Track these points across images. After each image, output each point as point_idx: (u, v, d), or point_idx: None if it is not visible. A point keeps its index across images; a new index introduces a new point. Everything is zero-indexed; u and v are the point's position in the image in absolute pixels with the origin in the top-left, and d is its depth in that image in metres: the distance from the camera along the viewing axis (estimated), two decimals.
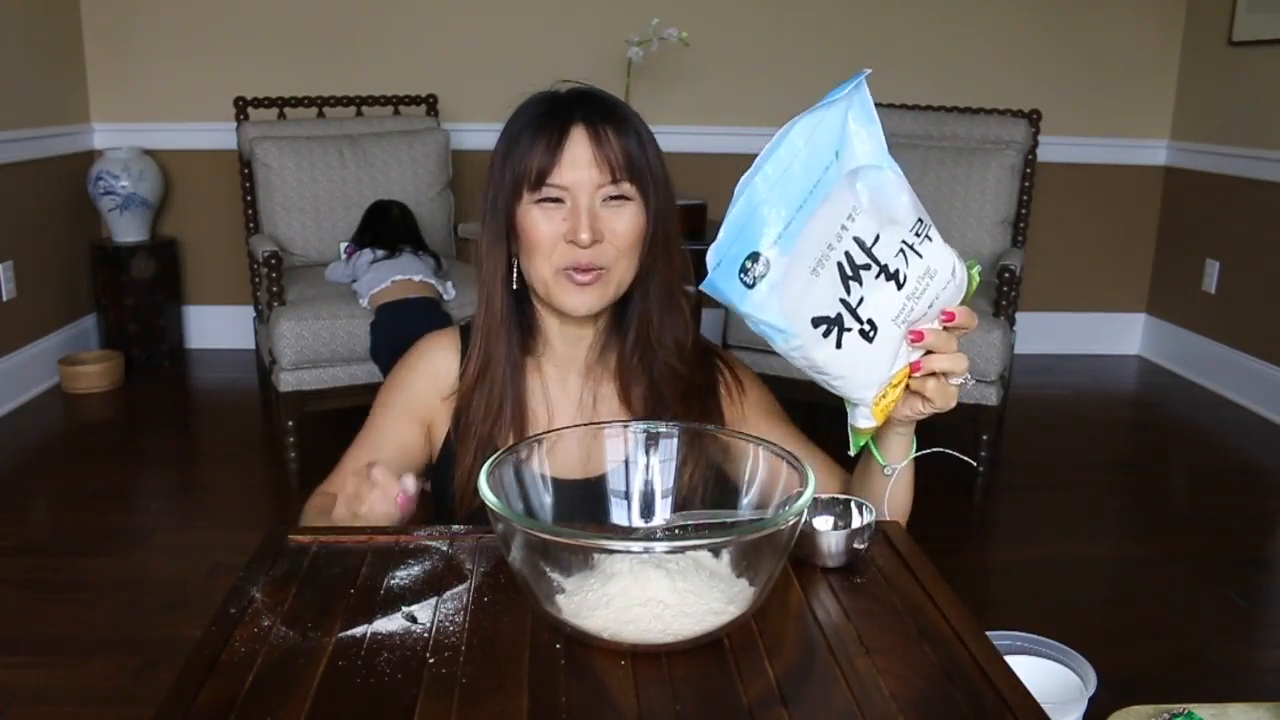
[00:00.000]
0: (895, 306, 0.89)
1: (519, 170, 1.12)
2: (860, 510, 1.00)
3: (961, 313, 0.94)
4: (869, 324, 0.88)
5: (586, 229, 1.09)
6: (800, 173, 0.83)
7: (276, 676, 0.78)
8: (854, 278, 0.87)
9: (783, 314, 0.85)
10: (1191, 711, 1.18)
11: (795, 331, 0.86)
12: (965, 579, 2.48)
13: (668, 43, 3.50)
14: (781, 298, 0.84)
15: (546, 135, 1.11)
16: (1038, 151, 3.48)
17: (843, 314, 0.87)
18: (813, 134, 0.84)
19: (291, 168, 3.30)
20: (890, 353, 0.92)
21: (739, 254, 0.83)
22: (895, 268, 0.88)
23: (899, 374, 0.94)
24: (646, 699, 0.75)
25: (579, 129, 1.11)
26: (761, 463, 0.94)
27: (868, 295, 0.88)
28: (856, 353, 0.89)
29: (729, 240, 0.83)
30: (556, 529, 0.91)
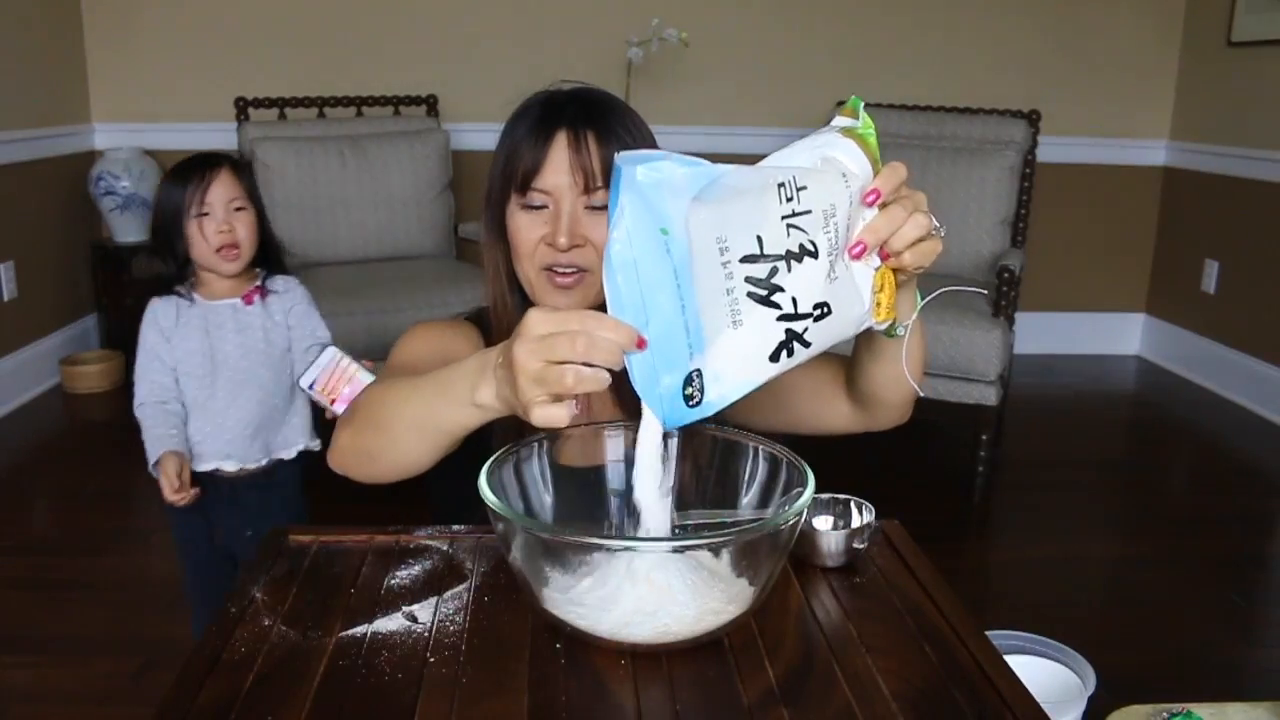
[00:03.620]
0: (824, 270, 0.82)
1: (509, 171, 1.13)
2: (860, 510, 1.00)
3: (881, 178, 0.85)
4: (816, 307, 0.82)
5: (565, 233, 1.10)
6: (653, 282, 0.76)
7: (277, 676, 0.78)
8: (770, 292, 0.80)
9: (743, 384, 0.80)
10: (1191, 711, 1.18)
11: (764, 378, 0.82)
12: (965, 579, 2.48)
13: (668, 43, 3.50)
14: (732, 376, 0.80)
15: (534, 139, 1.12)
16: (1037, 152, 3.48)
17: (790, 328, 0.81)
18: (629, 242, 0.75)
19: (292, 168, 3.30)
20: (854, 293, 0.86)
21: (674, 389, 0.78)
22: (798, 243, 0.80)
23: (876, 282, 0.87)
24: (646, 699, 0.75)
25: (562, 135, 1.11)
26: (761, 463, 0.94)
27: (796, 290, 0.81)
28: (828, 330, 0.83)
29: (652, 394, 0.78)
30: (556, 529, 0.91)
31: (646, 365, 0.77)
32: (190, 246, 1.74)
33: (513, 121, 1.16)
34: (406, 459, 0.96)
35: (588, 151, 1.11)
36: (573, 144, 1.11)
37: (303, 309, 1.85)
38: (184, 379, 1.77)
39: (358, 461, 1.01)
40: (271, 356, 1.80)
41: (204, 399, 1.76)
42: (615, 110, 1.16)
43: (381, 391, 1.00)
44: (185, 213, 1.73)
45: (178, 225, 1.74)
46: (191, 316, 1.77)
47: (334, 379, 1.64)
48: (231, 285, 1.80)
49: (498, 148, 1.17)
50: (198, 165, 1.78)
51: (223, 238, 1.73)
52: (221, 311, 1.78)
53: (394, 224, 3.41)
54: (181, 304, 1.78)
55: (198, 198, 1.74)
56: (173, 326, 1.76)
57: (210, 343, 1.76)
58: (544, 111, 1.14)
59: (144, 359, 1.77)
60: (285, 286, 1.85)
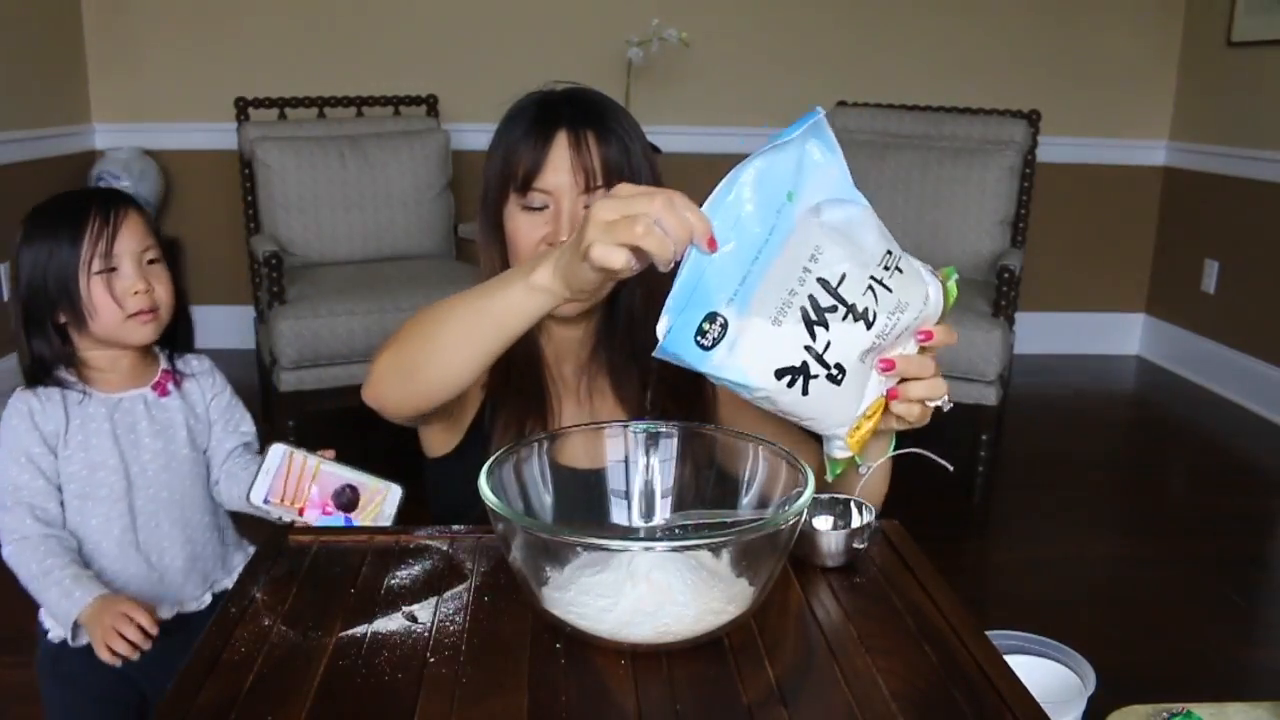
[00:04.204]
0: (864, 346, 0.85)
1: (507, 171, 1.13)
2: (860, 510, 1.00)
3: (939, 331, 0.91)
4: (836, 368, 0.84)
5: (567, 233, 1.09)
6: (751, 223, 0.78)
7: (277, 676, 0.78)
8: (819, 323, 0.82)
9: (744, 371, 0.81)
10: (1191, 711, 1.18)
11: (759, 385, 0.83)
12: (965, 579, 2.48)
13: (668, 43, 3.50)
14: (742, 355, 0.80)
15: (533, 139, 1.12)
16: (1037, 152, 3.48)
17: (808, 362, 0.83)
18: (761, 180, 0.78)
19: (292, 168, 3.30)
20: (860, 391, 0.89)
21: (694, 317, 0.79)
22: (864, 307, 0.83)
23: (873, 406, 0.91)
24: (646, 699, 0.75)
25: (562, 135, 1.11)
26: (761, 462, 0.94)
27: (835, 339, 0.83)
28: (825, 397, 0.85)
29: (681, 302, 0.78)
30: (557, 529, 0.91)
31: (694, 274, 0.78)
32: (91, 315, 1.30)
33: (507, 122, 1.16)
34: (451, 366, 0.94)
35: (588, 151, 1.11)
36: (573, 144, 1.11)
37: (226, 399, 1.46)
38: (80, 504, 1.33)
39: (398, 381, 0.98)
40: (200, 463, 1.43)
41: (116, 530, 1.35)
42: (611, 110, 1.16)
43: (427, 309, 0.99)
44: (81, 270, 1.29)
45: (67, 288, 1.30)
46: (89, 416, 1.34)
47: (293, 483, 1.27)
48: (133, 370, 1.38)
49: (491, 148, 1.17)
50: (92, 206, 1.32)
51: (140, 299, 1.32)
52: (130, 407, 1.36)
53: (394, 224, 3.41)
54: (71, 398, 1.33)
55: (101, 249, 1.30)
56: (61, 432, 1.32)
57: (120, 450, 1.35)
58: (541, 112, 1.14)
59: (10, 476, 1.30)
60: (200, 367, 1.46)
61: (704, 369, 0.81)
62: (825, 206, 0.82)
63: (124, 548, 1.36)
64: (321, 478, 1.21)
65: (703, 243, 0.76)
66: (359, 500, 1.22)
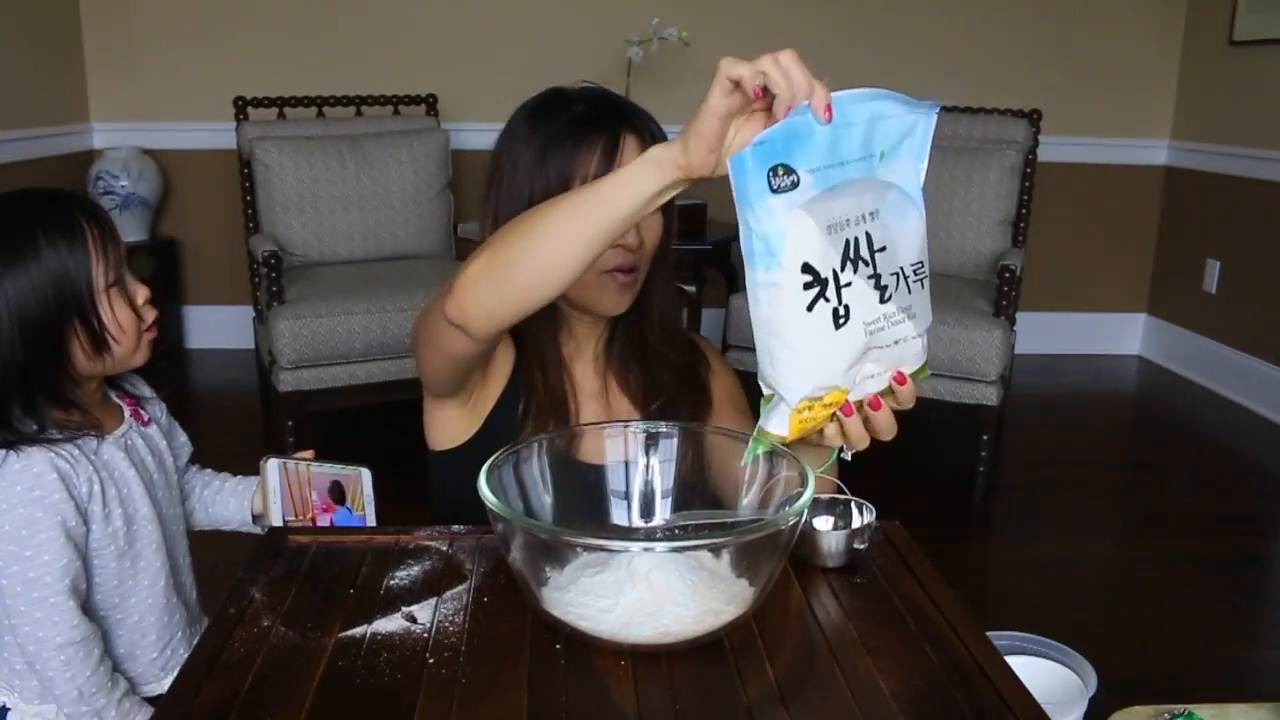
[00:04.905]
0: (871, 315, 0.86)
1: (568, 172, 1.13)
2: (860, 510, 1.00)
3: (908, 388, 0.90)
4: (844, 311, 0.84)
5: (635, 233, 1.14)
6: (849, 138, 0.82)
7: (276, 676, 0.78)
8: (852, 261, 0.84)
9: (783, 236, 0.80)
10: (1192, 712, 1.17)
11: (784, 263, 0.80)
12: (965, 579, 2.48)
13: (668, 43, 3.50)
14: (791, 223, 0.80)
15: (597, 141, 1.13)
16: (1038, 151, 3.48)
17: (829, 281, 0.83)
18: (877, 118, 0.83)
19: (291, 168, 3.30)
20: (841, 360, 0.86)
21: (778, 154, 0.79)
22: (886, 284, 0.86)
23: (835, 394, 0.87)
24: (646, 699, 0.75)
25: (630, 137, 1.14)
26: (762, 463, 0.94)
27: (855, 288, 0.84)
28: (819, 330, 0.83)
29: (774, 136, 0.79)
30: (557, 529, 0.91)
31: (795, 126, 0.79)
32: (116, 336, 1.14)
33: (545, 120, 1.16)
34: (555, 257, 0.90)
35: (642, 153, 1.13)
36: (638, 146, 1.14)
37: (166, 414, 1.32)
38: (119, 566, 1.17)
39: (494, 283, 0.94)
40: (179, 495, 1.29)
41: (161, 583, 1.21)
42: (645, 114, 1.19)
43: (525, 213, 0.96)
44: (93, 285, 1.12)
45: (84, 309, 1.11)
46: (110, 465, 1.16)
47: (298, 494, 1.20)
48: (107, 404, 1.22)
49: (524, 145, 1.16)
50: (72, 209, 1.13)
51: (151, 310, 1.19)
52: (133, 444, 1.21)
53: (393, 224, 3.41)
54: (87, 449, 1.13)
55: (112, 257, 1.13)
56: (97, 493, 1.12)
57: (151, 496, 1.20)
58: (595, 112, 1.15)
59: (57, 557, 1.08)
60: (147, 390, 1.31)
61: (753, 204, 0.79)
62: (896, 190, 0.86)
63: (169, 601, 1.22)
64: (314, 480, 1.23)
65: (820, 108, 0.79)
66: (345, 492, 1.22)
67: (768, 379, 0.85)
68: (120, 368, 1.19)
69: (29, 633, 1.08)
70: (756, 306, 0.82)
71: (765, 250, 0.80)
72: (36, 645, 1.08)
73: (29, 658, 1.10)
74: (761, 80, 0.79)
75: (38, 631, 1.08)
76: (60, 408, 1.13)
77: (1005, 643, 1.24)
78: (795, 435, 0.86)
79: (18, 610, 1.08)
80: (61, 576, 1.09)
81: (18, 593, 1.08)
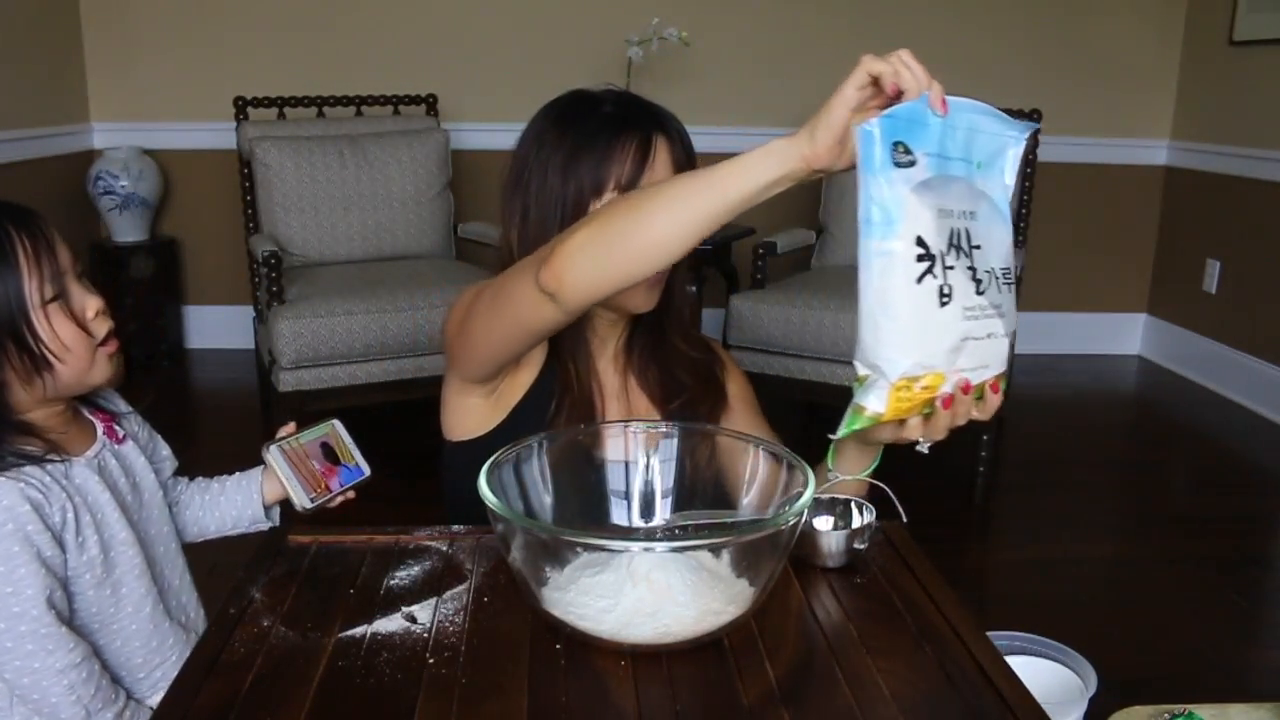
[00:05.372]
0: (970, 301, 0.88)
1: (601, 174, 1.15)
2: (860, 510, 1.00)
3: (999, 397, 0.96)
4: (949, 289, 0.85)
5: None
6: (954, 138, 0.86)
7: (276, 676, 0.78)
8: (955, 248, 0.86)
9: (903, 206, 0.82)
10: (1192, 712, 1.17)
11: (900, 232, 0.83)
12: (965, 579, 2.48)
13: (668, 43, 3.50)
14: (910, 197, 0.83)
15: (630, 141, 1.16)
16: (1038, 151, 3.48)
17: (938, 259, 0.85)
18: (978, 128, 0.88)
19: (291, 168, 3.30)
20: (947, 339, 0.86)
21: (900, 133, 0.83)
22: (980, 277, 0.89)
23: (934, 377, 0.87)
24: (646, 699, 0.75)
25: (661, 139, 1.17)
26: (761, 463, 0.94)
27: (956, 270, 0.86)
28: (926, 303, 0.84)
29: (904, 115, 0.84)
30: (557, 529, 0.91)
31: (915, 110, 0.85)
32: (60, 355, 1.05)
33: (577, 121, 1.18)
34: (664, 231, 0.92)
35: (680, 152, 1.19)
36: (670, 148, 1.18)
37: (146, 430, 1.26)
38: (97, 594, 1.11)
39: (596, 254, 0.94)
40: (165, 512, 1.23)
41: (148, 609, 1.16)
42: (672, 116, 1.23)
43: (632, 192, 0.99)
44: (30, 302, 1.03)
45: (17, 328, 1.03)
46: (83, 489, 1.09)
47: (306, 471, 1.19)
48: (78, 423, 1.15)
49: (554, 145, 1.18)
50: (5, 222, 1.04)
51: (104, 321, 1.09)
52: (107, 465, 1.14)
53: (394, 224, 3.41)
54: (56, 474, 1.06)
55: (48, 270, 1.04)
56: (70, 521, 1.06)
57: (128, 519, 1.13)
58: (628, 114, 1.18)
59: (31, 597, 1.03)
60: (123, 405, 1.24)
61: (878, 173, 0.82)
62: (990, 201, 0.89)
63: (157, 626, 1.17)
64: (308, 450, 1.23)
65: (936, 99, 0.85)
66: (334, 449, 1.25)
67: (868, 354, 0.85)
68: (75, 389, 1.11)
69: (22, 666, 1.03)
70: (868, 274, 0.84)
71: (884, 219, 0.83)
72: (34, 676, 1.03)
73: (25, 690, 1.04)
74: (897, 77, 0.84)
75: (33, 663, 1.03)
76: (15, 435, 1.05)
77: (1005, 643, 1.24)
78: (891, 415, 0.88)
79: (5, 646, 1.03)
80: (48, 608, 1.04)
81: (3, 630, 1.02)
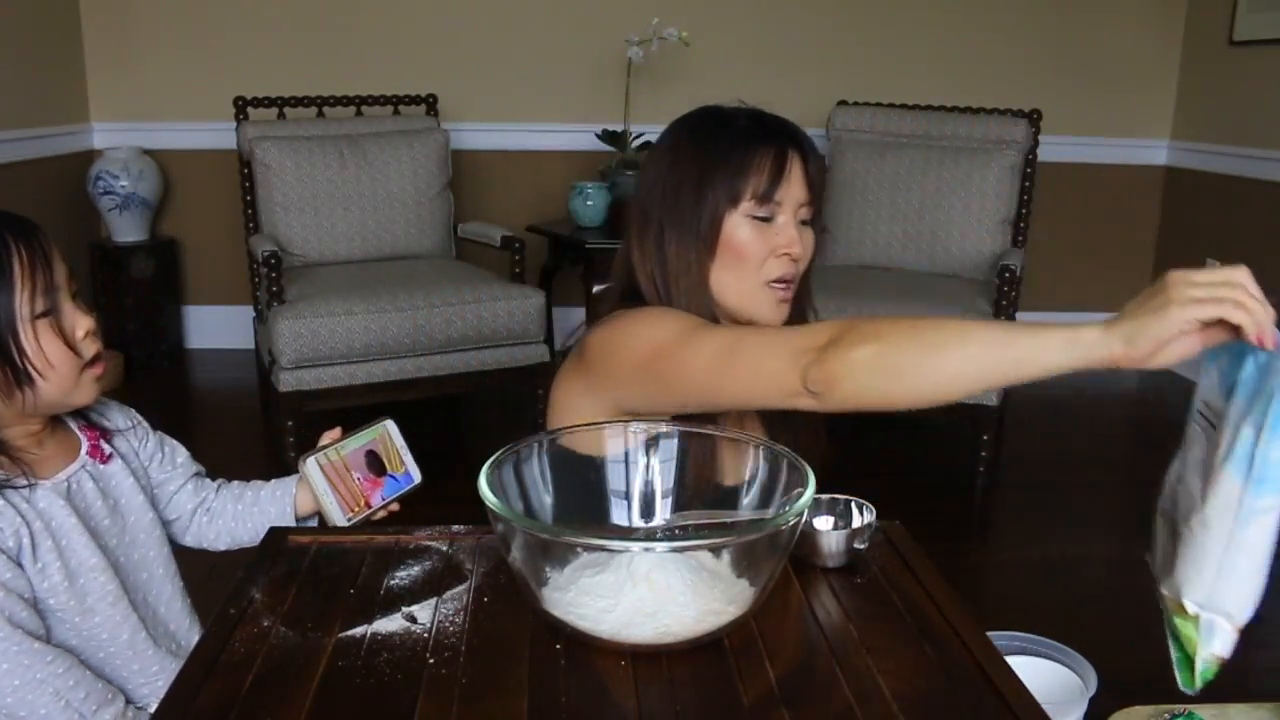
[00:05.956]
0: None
1: (736, 188, 1.18)
2: (860, 510, 1.00)
3: None
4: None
5: (799, 244, 1.20)
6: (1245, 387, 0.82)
7: (276, 676, 0.78)
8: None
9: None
10: (1192, 712, 1.17)
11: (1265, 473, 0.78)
12: (965, 579, 2.48)
13: (668, 42, 3.50)
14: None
15: (766, 155, 1.18)
16: (1038, 151, 3.48)
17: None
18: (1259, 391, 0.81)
19: (291, 167, 3.30)
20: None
21: None
22: None
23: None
24: (646, 699, 0.75)
25: (795, 154, 1.20)
26: (762, 463, 0.94)
27: None
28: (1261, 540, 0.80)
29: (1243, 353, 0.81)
30: (557, 530, 0.91)
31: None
32: (42, 372, 1.03)
33: (706, 138, 1.21)
34: (944, 384, 0.93)
35: (814, 170, 1.22)
36: (804, 163, 1.20)
37: (154, 439, 1.23)
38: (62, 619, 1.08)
39: (877, 377, 0.95)
40: (156, 535, 1.19)
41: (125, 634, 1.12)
42: (804, 132, 1.25)
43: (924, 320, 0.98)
44: (19, 316, 1.01)
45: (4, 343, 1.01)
46: (47, 514, 1.06)
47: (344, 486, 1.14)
48: (58, 441, 1.11)
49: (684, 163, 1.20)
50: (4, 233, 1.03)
51: (94, 342, 1.07)
52: (80, 487, 1.10)
53: (393, 223, 3.41)
54: (14, 497, 1.04)
55: (40, 284, 1.02)
56: (26, 545, 1.03)
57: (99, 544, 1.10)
58: (764, 130, 1.21)
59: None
60: (124, 418, 1.21)
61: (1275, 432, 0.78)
62: None
63: (138, 652, 1.12)
64: (350, 461, 1.17)
65: (1271, 339, 0.81)
66: (380, 458, 1.20)
67: (1215, 599, 0.83)
68: (56, 408, 1.08)
69: (2, 685, 1.00)
70: (1242, 531, 0.80)
71: (1276, 477, 0.78)
72: (16, 694, 1.00)
73: (11, 709, 1.01)
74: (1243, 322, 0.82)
75: (12, 680, 1.00)
76: None
77: (1005, 643, 1.24)
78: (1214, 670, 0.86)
79: None
80: (12, 627, 1.00)
81: None
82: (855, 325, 0.98)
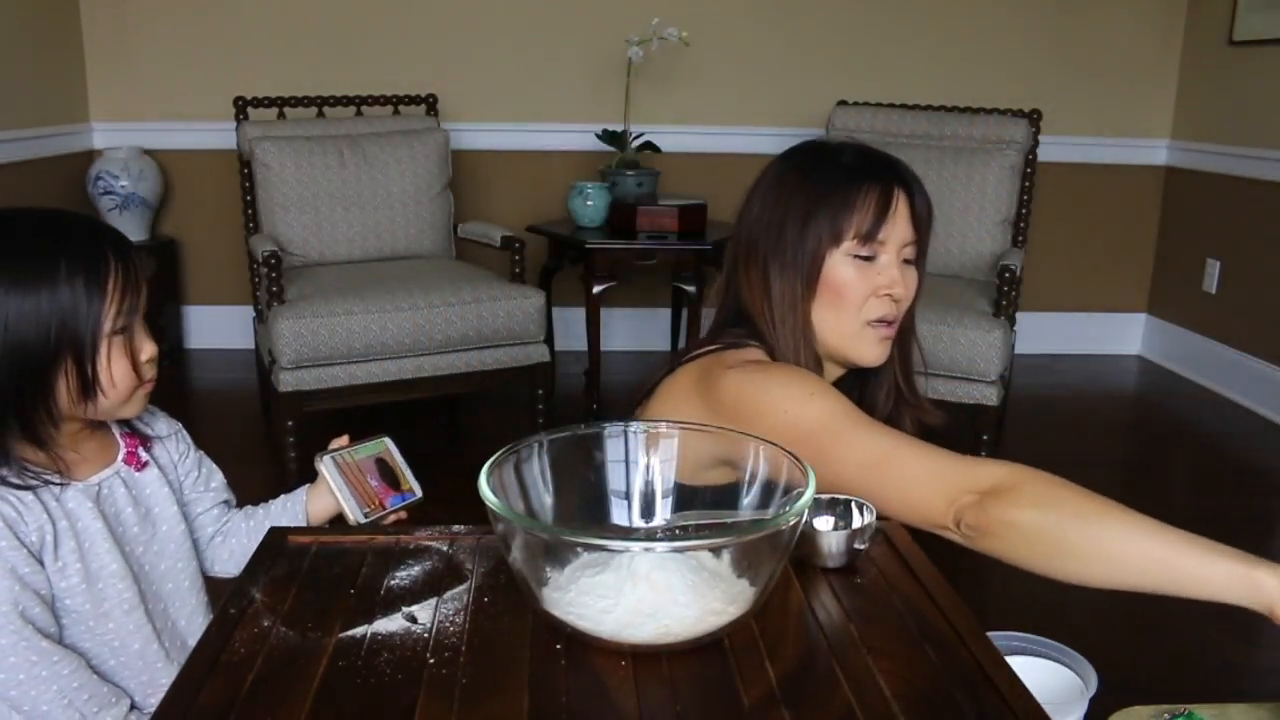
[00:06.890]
0: None
1: (841, 222, 1.18)
2: (861, 510, 1.00)
3: None
4: None
5: (901, 284, 1.19)
6: None
7: (276, 676, 0.78)
8: None
9: None
10: (1193, 712, 1.17)
11: None
12: (965, 579, 2.47)
13: (668, 43, 3.50)
14: None
15: (872, 193, 1.18)
16: (1038, 151, 3.48)
17: None
18: None
19: (291, 167, 3.30)
20: None
21: None
22: None
23: None
24: (646, 699, 0.75)
25: (901, 192, 1.20)
26: (762, 462, 0.94)
27: None
28: None
29: None
30: (557, 529, 0.91)
31: None
32: (105, 387, 1.05)
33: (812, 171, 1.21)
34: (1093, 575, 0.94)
35: (920, 210, 1.21)
36: (910, 204, 1.20)
37: (193, 456, 1.24)
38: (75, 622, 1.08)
39: (1030, 546, 0.97)
40: (186, 547, 1.19)
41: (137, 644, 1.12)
42: (911, 170, 1.25)
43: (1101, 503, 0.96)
44: (98, 329, 1.03)
45: (82, 352, 1.03)
46: (73, 514, 1.07)
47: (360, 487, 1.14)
48: (96, 444, 1.12)
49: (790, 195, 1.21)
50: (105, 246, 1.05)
51: (153, 368, 1.11)
52: (111, 492, 1.11)
53: (393, 224, 3.41)
54: (45, 495, 1.05)
55: (127, 304, 1.06)
56: (48, 542, 1.04)
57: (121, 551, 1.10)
58: (871, 167, 1.21)
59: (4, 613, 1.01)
60: (169, 428, 1.22)
61: None
62: None
63: (150, 664, 1.13)
64: (363, 465, 1.18)
65: None
66: (391, 470, 1.21)
67: None
68: (106, 416, 1.10)
69: (7, 678, 1.01)
70: None
71: None
72: (21, 688, 1.01)
73: (15, 701, 1.02)
74: None
75: (18, 674, 1.01)
76: (30, 444, 1.04)
77: (1005, 643, 1.24)
78: None
79: None
80: (24, 621, 1.01)
81: None
82: (1024, 484, 0.98)
